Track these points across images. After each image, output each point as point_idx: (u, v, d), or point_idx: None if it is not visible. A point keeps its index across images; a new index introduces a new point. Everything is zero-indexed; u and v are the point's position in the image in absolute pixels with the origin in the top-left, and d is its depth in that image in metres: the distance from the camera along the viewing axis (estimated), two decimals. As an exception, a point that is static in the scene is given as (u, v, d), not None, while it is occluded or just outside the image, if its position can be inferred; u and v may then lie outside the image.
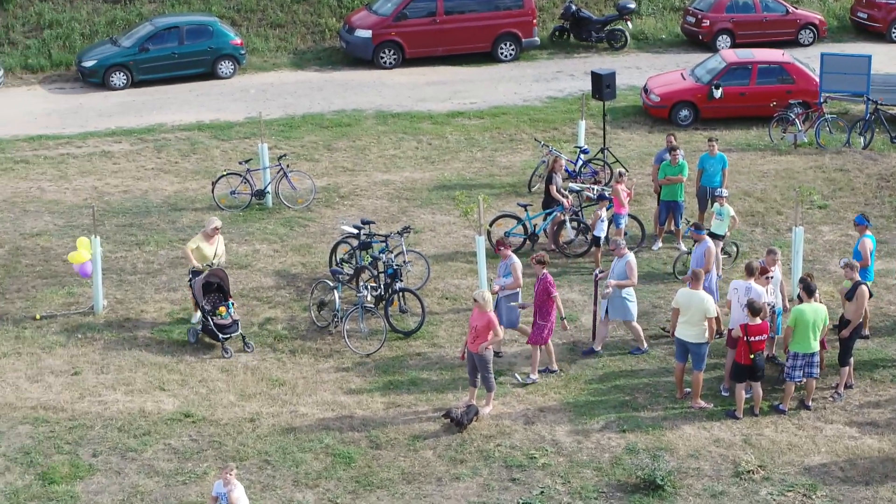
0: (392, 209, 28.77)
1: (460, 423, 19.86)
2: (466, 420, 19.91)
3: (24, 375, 21.49)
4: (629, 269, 22.16)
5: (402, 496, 18.34)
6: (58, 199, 29.41)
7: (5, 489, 18.34)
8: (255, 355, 22.21)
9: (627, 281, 22.13)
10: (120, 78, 38.33)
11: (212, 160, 32.13)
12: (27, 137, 33.91)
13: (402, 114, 35.87)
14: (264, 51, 41.62)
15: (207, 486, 18.27)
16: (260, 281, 25.10)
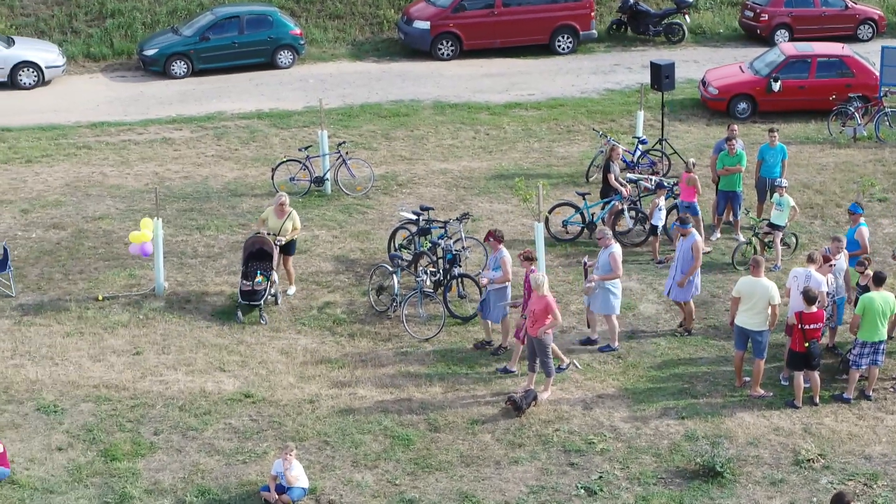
0: (450, 197, 28.70)
1: (519, 407, 19.76)
2: (525, 404, 19.81)
3: (86, 355, 21.57)
4: (613, 261, 21.58)
5: (460, 478, 18.26)
6: (119, 183, 29.55)
7: (68, 465, 18.41)
8: (314, 338, 22.20)
9: (612, 274, 21.60)
10: (180, 67, 38.46)
11: (271, 148, 32.18)
12: (89, 124, 34.09)
13: (460, 104, 35.80)
14: (323, 41, 41.65)
15: (267, 465, 18.27)
16: (319, 266, 25.09)
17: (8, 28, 40.15)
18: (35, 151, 31.77)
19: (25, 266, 24.83)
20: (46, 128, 33.69)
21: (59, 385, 20.55)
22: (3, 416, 19.60)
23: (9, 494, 17.67)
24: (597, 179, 28.81)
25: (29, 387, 20.49)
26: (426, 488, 18.02)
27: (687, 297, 22.31)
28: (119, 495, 17.74)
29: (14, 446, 18.69)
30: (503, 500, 17.82)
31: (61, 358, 21.46)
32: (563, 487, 18.12)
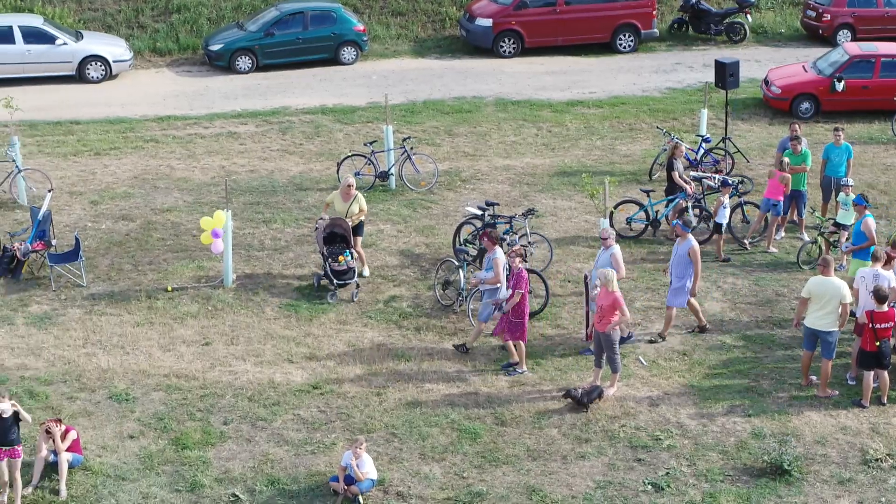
0: (513, 193, 28.64)
1: (581, 402, 19.68)
2: (587, 400, 19.73)
3: (156, 344, 21.69)
4: (615, 262, 21.24)
5: (527, 472, 18.21)
6: (186, 176, 29.69)
7: (140, 453, 18.51)
8: (380, 331, 22.21)
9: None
10: (245, 62, 38.60)
11: (335, 143, 32.24)
12: (156, 118, 34.28)
13: (522, 101, 35.73)
14: (385, 38, 41.69)
15: (336, 456, 18.30)
16: (384, 260, 25.10)
17: (76, 23, 40.48)
18: (103, 144, 31.98)
19: (96, 256, 25.00)
20: (114, 121, 33.91)
21: (130, 374, 20.68)
22: (76, 404, 19.74)
23: (82, 481, 17.80)
24: (660, 177, 28.71)
25: (101, 375, 20.62)
26: (493, 482, 17.98)
27: (683, 302, 21.85)
28: (190, 483, 17.82)
29: (87, 434, 18.82)
30: (570, 495, 17.76)
31: (132, 347, 21.58)
32: (629, 483, 18.03)
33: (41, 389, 20.10)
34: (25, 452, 17.98)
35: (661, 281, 24.24)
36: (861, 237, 22.58)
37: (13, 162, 27.60)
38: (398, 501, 17.54)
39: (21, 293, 23.49)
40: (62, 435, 17.79)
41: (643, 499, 17.70)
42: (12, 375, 20.52)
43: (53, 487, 17.61)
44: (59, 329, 22.18)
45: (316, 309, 22.99)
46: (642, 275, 24.41)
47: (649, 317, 22.86)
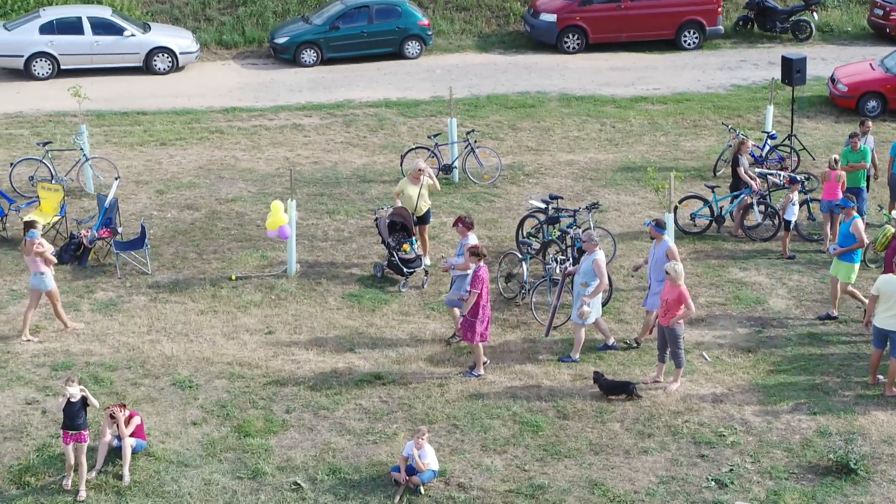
0: (576, 188, 28.39)
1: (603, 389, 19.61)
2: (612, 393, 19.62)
3: (220, 332, 21.64)
4: (597, 268, 20.47)
5: (589, 466, 17.98)
6: (251, 167, 29.68)
7: (202, 439, 18.44)
8: (442, 323, 22.04)
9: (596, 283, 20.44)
10: (310, 55, 38.59)
11: (399, 136, 32.13)
12: (222, 109, 34.33)
13: (586, 97, 35.48)
14: (450, 33, 41.55)
15: (397, 446, 18.14)
16: (447, 252, 24.92)
17: (144, 14, 40.66)
18: (169, 134, 32.05)
19: (161, 245, 25.02)
20: (180, 112, 33.99)
21: (193, 361, 20.64)
22: (140, 390, 19.72)
23: (145, 466, 17.76)
24: (724, 174, 28.36)
25: (165, 362, 20.60)
26: (555, 475, 17.76)
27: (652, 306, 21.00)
28: (252, 471, 17.73)
29: (150, 419, 18.78)
30: (632, 490, 17.50)
31: (196, 335, 21.54)
32: (693, 479, 17.74)
33: (106, 375, 20.10)
34: (90, 437, 17.96)
35: (724, 277, 23.94)
36: (849, 239, 22.00)
37: (81, 150, 27.70)
38: (459, 493, 17.36)
39: (87, 280, 23.54)
40: (126, 420, 17.76)
41: (706, 495, 17.40)
42: (78, 361, 20.53)
43: (117, 472, 17.58)
44: (124, 316, 22.19)
45: (378, 299, 22.87)
46: (706, 271, 24.10)
47: (713, 313, 22.54)
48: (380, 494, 17.27)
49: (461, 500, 17.18)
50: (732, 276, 24.02)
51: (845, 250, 21.85)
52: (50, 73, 36.88)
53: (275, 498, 17.19)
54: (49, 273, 21.27)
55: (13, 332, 21.50)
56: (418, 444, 17.40)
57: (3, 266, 24.13)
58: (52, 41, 36.80)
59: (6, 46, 36.82)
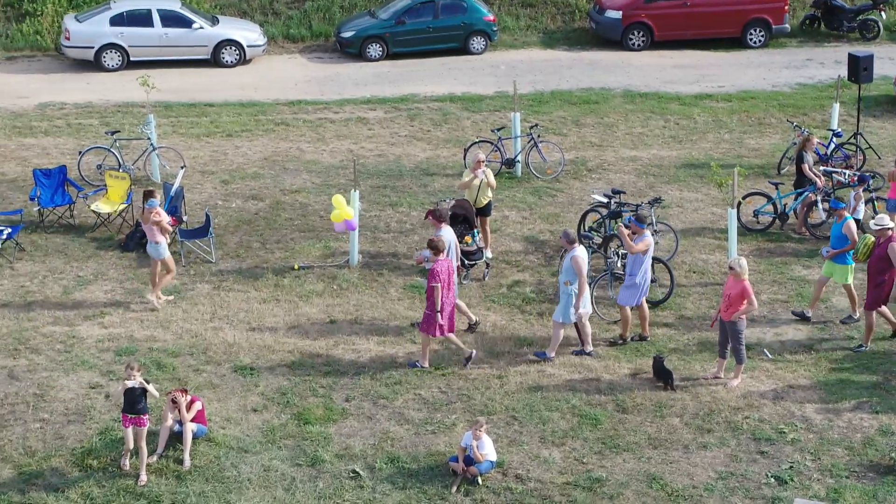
0: (639, 184, 28.17)
1: (655, 371, 19.62)
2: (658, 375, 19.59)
3: (282, 321, 21.64)
4: (576, 265, 20.05)
5: (648, 460, 17.79)
6: (315, 159, 29.72)
7: (263, 426, 18.44)
8: (503, 315, 21.93)
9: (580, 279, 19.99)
10: (376, 49, 38.59)
11: (462, 130, 32.05)
12: (287, 102, 34.42)
13: (650, 94, 35.25)
14: (515, 29, 41.41)
15: (456, 436, 18.04)
16: (509, 245, 24.82)
17: (212, 8, 40.83)
18: (235, 126, 32.16)
19: (225, 234, 25.08)
20: (247, 104, 34.11)
21: (255, 349, 20.65)
22: (202, 376, 19.75)
23: (206, 451, 17.78)
24: (789, 171, 28.03)
25: (227, 349, 20.63)
26: (613, 468, 17.59)
27: (630, 301, 20.87)
28: (311, 458, 17.70)
29: (211, 405, 18.80)
30: (691, 485, 17.29)
31: (258, 323, 21.56)
32: (752, 475, 17.50)
33: (168, 361, 20.17)
34: (151, 422, 18.02)
35: (787, 274, 23.65)
36: (842, 240, 21.55)
37: (148, 140, 27.84)
38: (517, 484, 17.23)
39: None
40: (187, 405, 17.79)
41: (765, 491, 17.16)
42: (141, 346, 20.62)
43: (177, 457, 17.60)
44: (188, 303, 22.26)
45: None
46: (769, 268, 23.82)
47: (775, 310, 22.26)
48: (437, 484, 17.18)
49: (518, 492, 17.06)
50: (795, 274, 23.72)
51: (838, 252, 21.44)
52: (119, 65, 37.13)
53: (333, 485, 17.15)
54: (164, 242, 21.74)
55: (79, 318, 21.64)
56: (476, 435, 17.29)
57: (71, 252, 24.31)
58: (122, 33, 37.05)
59: (77, 38, 37.11)
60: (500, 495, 16.99)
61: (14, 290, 22.68)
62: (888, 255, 20.46)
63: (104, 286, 22.87)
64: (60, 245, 24.64)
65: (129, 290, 22.64)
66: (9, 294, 22.53)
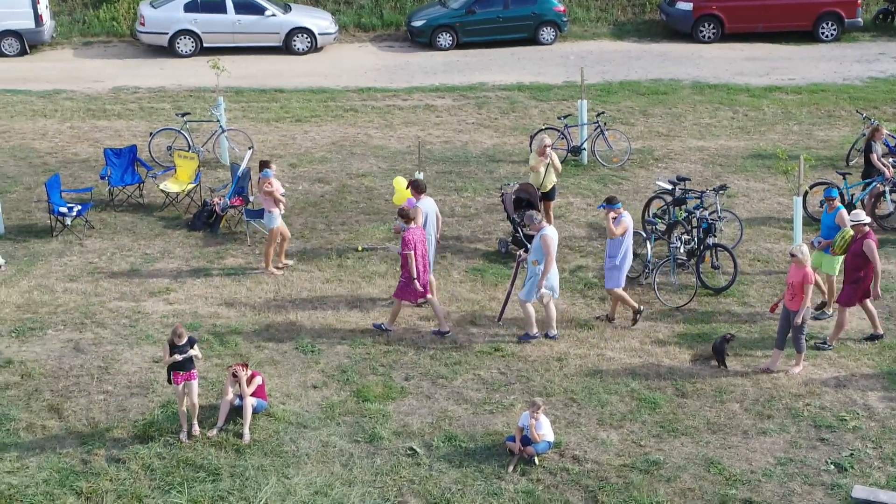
0: (706, 173, 27.86)
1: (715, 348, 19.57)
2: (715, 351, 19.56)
3: (344, 301, 21.61)
4: (544, 245, 19.84)
5: (706, 444, 17.54)
6: (383, 144, 29.70)
7: (322, 402, 18.42)
8: (564, 299, 21.74)
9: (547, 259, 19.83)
10: (446, 39, 38.54)
11: (529, 118, 31.90)
12: (357, 89, 34.45)
13: (719, 85, 34.90)
14: (585, 21, 41.20)
15: (513, 417, 17.91)
16: (572, 231, 24.64)
17: (285, -4, 41.00)
18: (305, 112, 32.23)
19: (291, 216, 25.10)
20: (316, 90, 34.19)
21: (316, 327, 20.63)
22: (264, 353, 19.77)
23: (265, 426, 17.78)
24: (857, 163, 27.60)
25: (289, 327, 20.63)
26: (671, 451, 17.37)
27: (618, 283, 20.60)
28: (369, 434, 17.64)
29: (272, 381, 18.81)
30: (749, 469, 17.03)
31: (320, 302, 21.55)
32: (811, 462, 17.21)
33: (231, 337, 20.21)
34: (213, 396, 18.09)
35: (853, 264, 23.26)
36: (834, 230, 20.92)
37: (218, 122, 27.94)
38: (573, 465, 17.06)
39: (218, 246, 23.74)
40: (248, 380, 17.80)
41: (825, 478, 16.86)
42: (205, 323, 20.68)
43: (237, 431, 17.61)
44: (252, 282, 22.30)
45: (501, 274, 22.65)
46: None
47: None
48: (494, 463, 17.06)
49: (575, 472, 16.89)
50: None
51: (830, 242, 20.90)
52: (193, 51, 37.37)
53: (390, 462, 17.08)
54: (277, 212, 22.08)
55: (144, 294, 21.76)
56: (534, 416, 17.15)
57: (139, 231, 24.46)
58: (196, 19, 37.28)
59: (152, 24, 37.39)
60: (556, 475, 16.84)
61: (82, 266, 22.86)
62: (864, 251, 19.94)
63: (170, 264, 22.99)
64: (129, 223, 24.82)
65: (194, 268, 22.73)
66: (77, 270, 22.72)
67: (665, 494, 16.41)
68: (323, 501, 16.22)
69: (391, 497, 16.36)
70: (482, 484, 16.62)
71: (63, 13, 41.43)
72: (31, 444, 17.35)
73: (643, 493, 16.40)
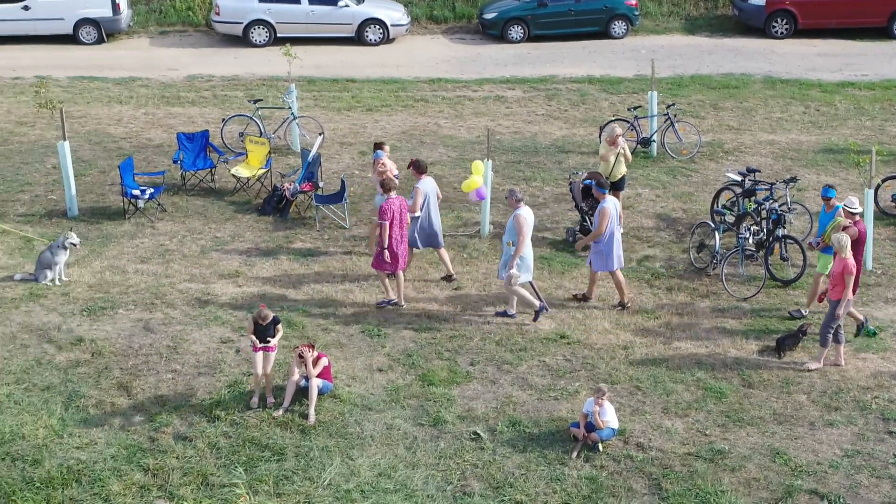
0: (776, 167, 27.49)
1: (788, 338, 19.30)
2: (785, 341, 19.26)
3: (410, 286, 21.51)
4: (517, 224, 19.66)
5: (772, 435, 17.26)
6: (452, 134, 29.60)
7: (387, 385, 18.34)
8: (631, 289, 21.49)
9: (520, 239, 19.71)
10: (517, 31, 38.37)
11: (599, 110, 31.66)
12: (428, 79, 34.39)
13: (791, 80, 34.45)
14: (657, 15, 40.86)
15: (578, 403, 17.73)
16: (640, 222, 24.39)
17: (359, -12, 40.99)
18: (376, 101, 32.20)
19: (360, 202, 25.08)
20: (388, 81, 34.15)
21: (383, 312, 20.57)
22: (330, 336, 19.73)
23: (330, 407, 17.73)
24: (931, 159, 27.15)
25: (356, 311, 20.58)
26: (736, 441, 17.11)
27: (603, 267, 20.48)
28: (433, 418, 17.54)
29: (338, 364, 18.77)
30: (815, 461, 16.73)
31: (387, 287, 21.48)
32: (879, 454, 16.88)
33: (298, 320, 20.19)
34: (280, 377, 18.08)
35: (925, 259, 22.88)
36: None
37: (289, 109, 27.97)
38: (637, 452, 16.85)
39: (287, 231, 23.75)
40: (314, 361, 17.76)
41: (892, 471, 16.52)
42: (273, 305, 20.65)
43: (303, 412, 17.58)
44: (320, 266, 22.27)
45: (569, 262, 22.47)
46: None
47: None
48: (558, 449, 16.89)
49: (639, 460, 16.68)
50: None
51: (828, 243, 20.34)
52: (266, 41, 37.48)
53: (454, 445, 16.96)
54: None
55: (214, 276, 21.80)
56: (599, 402, 16.96)
57: (210, 214, 24.53)
58: (270, 9, 37.39)
59: (227, 13, 37.54)
60: (620, 462, 16.64)
61: (154, 248, 22.96)
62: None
63: (240, 247, 23.03)
64: (200, 207, 24.90)
65: (263, 252, 22.75)
66: (149, 251, 22.82)
67: (729, 483, 16.16)
68: (386, 483, 16.14)
69: (454, 480, 16.25)
70: (545, 469, 16.46)
71: (140, 2, 41.76)
72: (100, 420, 17.43)
73: (707, 482, 16.16)
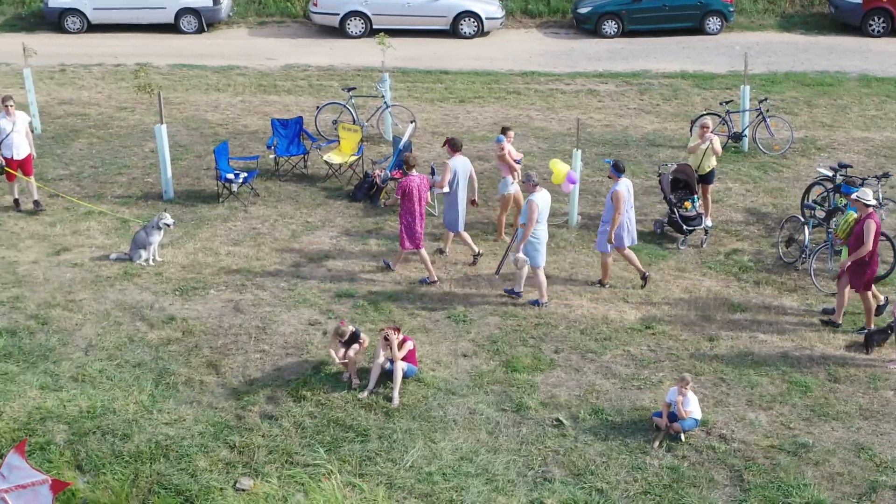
0: (869, 164, 27.00)
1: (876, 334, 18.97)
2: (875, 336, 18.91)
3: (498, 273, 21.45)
4: (528, 208, 19.64)
5: (857, 430, 16.94)
6: (543, 126, 29.46)
7: (471, 371, 18.29)
8: (718, 281, 21.27)
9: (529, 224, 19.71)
10: (611, 26, 38.10)
11: (691, 105, 31.33)
12: (521, 72, 34.28)
13: (887, 79, 33.84)
14: (752, 12, 40.35)
15: (661, 393, 17.55)
16: (729, 216, 24.09)
17: (455, -19, 40.95)
18: (468, 93, 32.15)
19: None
20: (481, 73, 34.09)
21: (469, 298, 20.51)
22: (416, 320, 19.72)
23: (414, 391, 17.72)
24: None
25: (442, 297, 20.55)
26: (821, 435, 16.82)
27: (604, 248, 20.50)
28: (516, 404, 17.45)
29: (423, 348, 18.74)
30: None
31: (474, 274, 21.42)
32: (967, 453, 16.53)
33: (385, 304, 20.21)
34: (365, 360, 18.10)
35: None
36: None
37: (382, 98, 28.01)
38: (720, 443, 16.63)
39: (377, 217, 23.78)
40: (399, 344, 17.76)
41: (980, 470, 16.18)
42: (360, 289, 20.72)
43: (387, 394, 17.59)
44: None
45: (656, 255, 22.26)
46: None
47: None
48: (640, 438, 16.73)
49: (721, 451, 16.46)
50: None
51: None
52: (362, 32, 37.60)
53: (536, 432, 16.87)
54: (510, 179, 22.32)
55: (304, 259, 21.89)
56: (682, 392, 16.77)
57: (302, 199, 24.64)
58: (367, 1, 37.46)
59: (325, 4, 37.72)
60: (702, 453, 16.44)
61: (246, 231, 23.11)
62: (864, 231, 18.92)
63: (330, 232, 23.11)
64: (292, 192, 25.02)
65: (353, 237, 22.81)
66: (241, 234, 22.97)
67: (812, 477, 15.89)
68: (468, 467, 16.09)
69: (535, 466, 16.16)
70: (627, 458, 16.31)
71: (240, -6, 42.12)
72: (189, 397, 17.58)
73: (790, 475, 15.91)
